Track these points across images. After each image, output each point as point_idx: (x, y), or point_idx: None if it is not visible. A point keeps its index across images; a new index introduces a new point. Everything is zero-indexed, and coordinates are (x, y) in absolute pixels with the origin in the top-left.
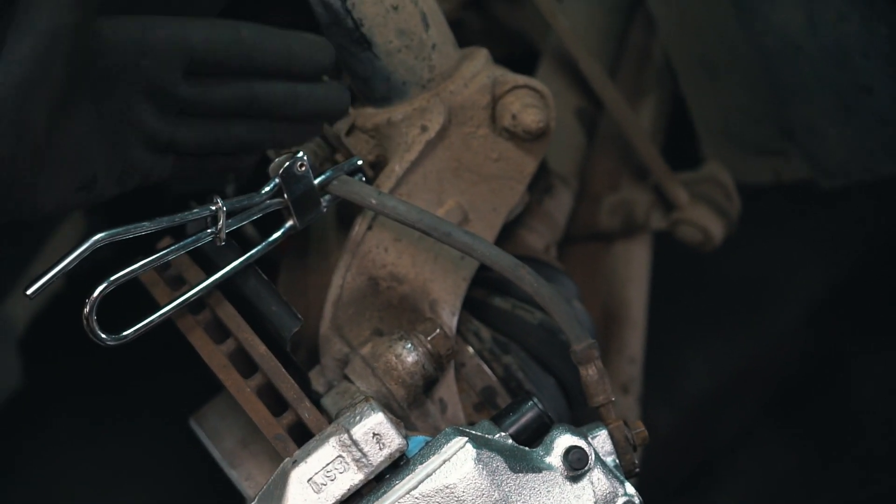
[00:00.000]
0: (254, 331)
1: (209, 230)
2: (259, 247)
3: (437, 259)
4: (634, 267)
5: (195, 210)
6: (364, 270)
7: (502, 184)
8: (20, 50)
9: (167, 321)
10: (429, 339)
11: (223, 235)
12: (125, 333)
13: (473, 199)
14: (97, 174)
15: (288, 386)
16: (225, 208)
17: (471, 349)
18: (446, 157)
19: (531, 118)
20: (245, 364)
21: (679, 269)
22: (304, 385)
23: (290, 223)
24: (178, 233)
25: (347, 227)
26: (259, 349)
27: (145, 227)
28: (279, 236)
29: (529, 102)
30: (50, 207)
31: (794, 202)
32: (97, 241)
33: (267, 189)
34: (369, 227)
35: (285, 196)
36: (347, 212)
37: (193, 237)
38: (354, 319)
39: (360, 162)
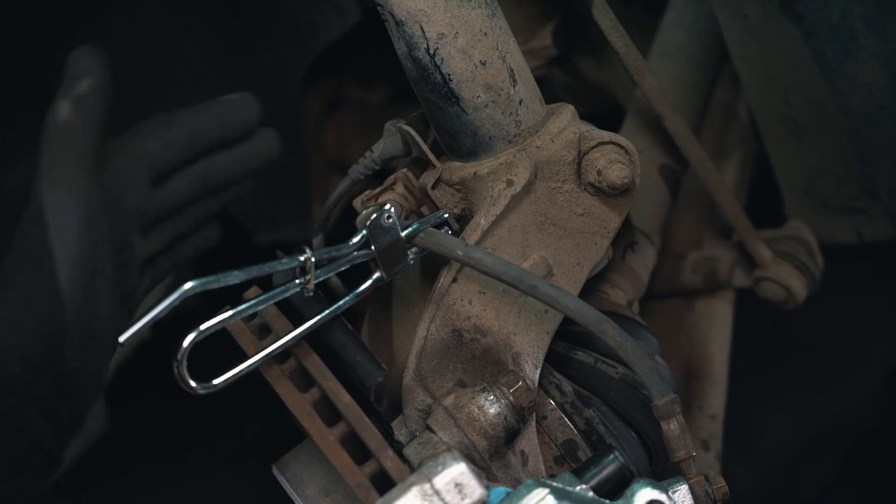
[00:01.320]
0: (338, 381)
1: (297, 280)
2: (346, 298)
3: (520, 312)
4: (716, 324)
5: (284, 260)
6: (448, 322)
7: (587, 239)
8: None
9: (253, 370)
10: (511, 391)
11: (311, 286)
12: (215, 382)
13: (558, 254)
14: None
15: (371, 435)
16: (314, 259)
17: (552, 402)
18: (531, 211)
19: (616, 174)
20: (329, 412)
21: (761, 328)
22: (387, 435)
23: (377, 275)
24: (264, 283)
25: (432, 279)
26: (343, 398)
27: (235, 277)
28: (367, 288)
29: (615, 158)
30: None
31: (877, 263)
32: (188, 290)
33: (355, 241)
34: (454, 280)
35: (372, 248)
36: (432, 264)
37: (282, 287)
38: (438, 370)
39: (446, 215)
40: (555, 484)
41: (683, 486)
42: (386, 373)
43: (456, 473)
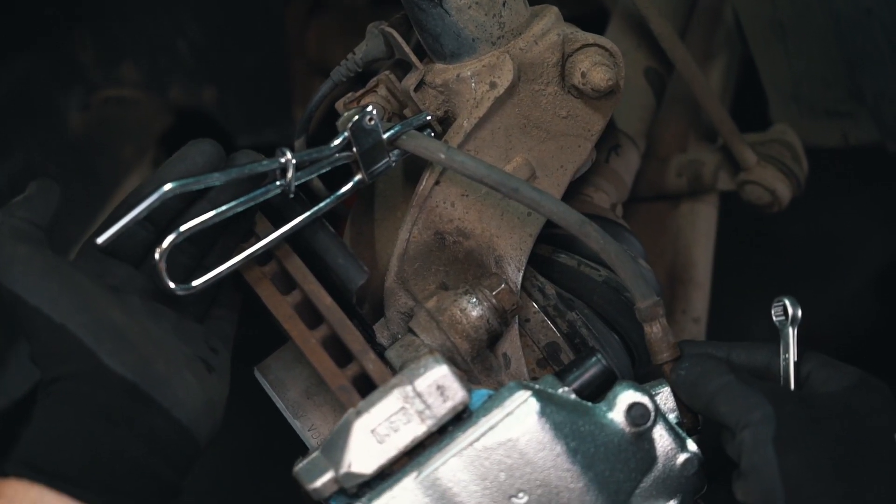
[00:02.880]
0: (320, 283)
1: (278, 182)
2: (328, 200)
3: (503, 215)
4: (700, 227)
5: (264, 161)
6: (431, 225)
7: (570, 141)
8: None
9: (235, 273)
10: (494, 294)
11: (292, 187)
12: (194, 284)
13: (541, 156)
14: None
15: (353, 337)
16: (294, 161)
17: (535, 305)
18: (515, 113)
19: (600, 76)
20: (311, 315)
21: (747, 232)
22: (370, 337)
23: (358, 177)
24: (245, 186)
25: (414, 182)
26: (325, 301)
27: (215, 178)
28: (348, 190)
29: (599, 61)
30: None
31: (863, 168)
32: (167, 191)
33: (336, 142)
34: (437, 182)
35: (354, 150)
36: (414, 167)
37: (262, 189)
38: (420, 273)
39: (428, 117)
40: (537, 387)
41: (666, 388)
42: (368, 275)
43: (438, 376)
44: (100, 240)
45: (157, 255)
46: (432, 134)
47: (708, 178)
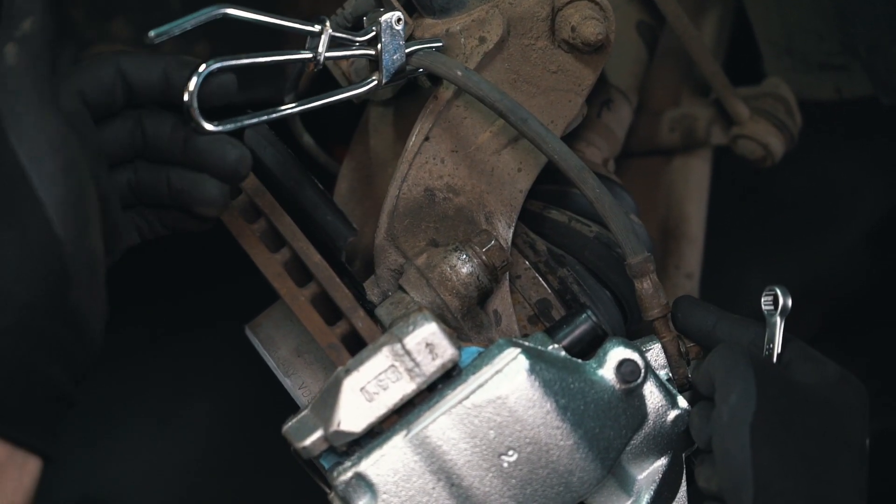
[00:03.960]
0: (309, 241)
1: (308, 52)
2: (341, 94)
3: (493, 171)
4: (693, 182)
5: (302, 24)
6: (420, 181)
7: (560, 96)
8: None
9: (221, 226)
10: (484, 250)
11: (321, 59)
12: (226, 123)
13: (531, 111)
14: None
15: (342, 295)
16: (330, 31)
17: (526, 261)
18: (504, 68)
19: (591, 30)
20: (300, 273)
21: (742, 187)
22: (359, 295)
23: (374, 77)
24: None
25: (405, 139)
26: (314, 258)
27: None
28: (363, 90)
29: (589, 14)
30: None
31: (857, 121)
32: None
33: (364, 36)
34: (426, 138)
35: (379, 47)
36: (405, 123)
37: (293, 52)
38: (410, 230)
39: (440, 43)
40: (526, 343)
41: (656, 344)
42: (356, 233)
43: (427, 333)
44: (152, 33)
45: (186, 95)
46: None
47: (701, 132)
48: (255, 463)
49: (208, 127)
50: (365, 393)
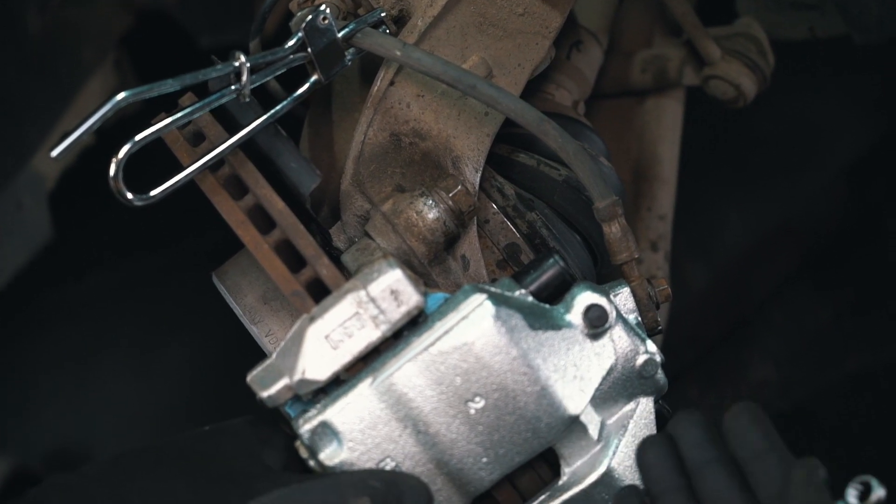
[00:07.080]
0: (274, 188)
1: (233, 87)
2: (283, 103)
3: (460, 115)
4: (666, 123)
5: (218, 66)
6: (386, 126)
7: (527, 39)
8: None
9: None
10: (450, 195)
11: (247, 92)
12: (152, 194)
13: (498, 55)
14: None
15: (305, 242)
16: (249, 64)
17: (494, 206)
18: (470, 11)
19: None
20: (264, 220)
21: (719, 126)
22: (326, 242)
23: (314, 77)
24: (200, 91)
25: (370, 83)
26: (277, 205)
27: (168, 85)
28: (304, 91)
29: None
30: None
31: (830, 60)
32: (120, 101)
33: (290, 43)
34: (391, 83)
35: (309, 50)
36: (372, 66)
37: (217, 94)
38: (376, 176)
39: (382, 14)
40: (493, 289)
41: (625, 288)
42: (320, 179)
43: (391, 280)
44: (53, 153)
45: (112, 167)
46: (387, 32)
47: (673, 73)
48: (234, 407)
49: (134, 199)
50: (329, 341)
